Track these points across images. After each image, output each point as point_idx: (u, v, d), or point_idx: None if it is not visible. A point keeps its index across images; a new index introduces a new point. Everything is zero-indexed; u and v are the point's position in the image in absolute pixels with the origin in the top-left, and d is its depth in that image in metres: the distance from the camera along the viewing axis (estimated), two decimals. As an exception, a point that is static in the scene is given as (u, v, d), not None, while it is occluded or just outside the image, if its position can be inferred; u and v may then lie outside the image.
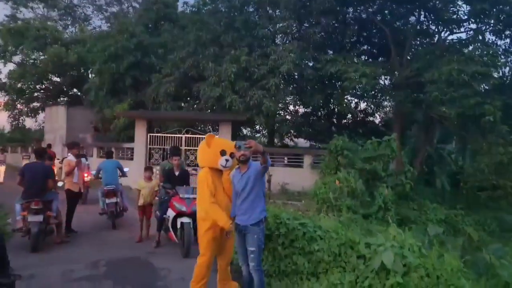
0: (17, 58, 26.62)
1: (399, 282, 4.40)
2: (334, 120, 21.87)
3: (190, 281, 4.73)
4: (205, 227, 4.64)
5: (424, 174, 17.59)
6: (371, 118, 23.52)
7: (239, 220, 4.51)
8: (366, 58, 18.90)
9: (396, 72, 16.31)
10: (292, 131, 19.67)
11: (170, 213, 6.87)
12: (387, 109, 20.86)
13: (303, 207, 12.16)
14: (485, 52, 13.16)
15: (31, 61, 25.14)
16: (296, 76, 17.58)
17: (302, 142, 21.82)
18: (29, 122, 29.83)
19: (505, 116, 12.30)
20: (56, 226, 7.12)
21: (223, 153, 4.76)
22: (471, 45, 15.16)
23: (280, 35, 18.08)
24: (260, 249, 4.52)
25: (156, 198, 7.82)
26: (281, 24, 16.98)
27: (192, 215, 6.82)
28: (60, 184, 7.97)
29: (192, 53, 16.36)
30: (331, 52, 17.76)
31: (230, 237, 4.76)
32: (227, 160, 4.72)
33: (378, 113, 23.03)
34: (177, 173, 7.43)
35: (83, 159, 9.27)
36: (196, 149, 9.22)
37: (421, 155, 17.60)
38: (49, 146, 16.39)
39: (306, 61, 16.17)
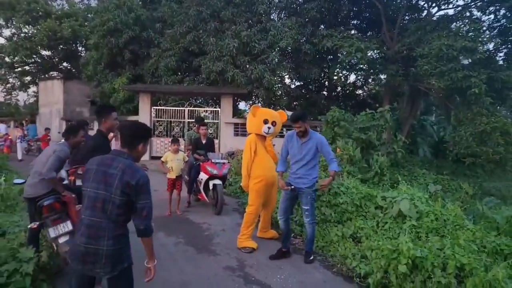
0: (7, 32, 26.34)
1: (414, 225, 5.37)
2: (325, 93, 22.80)
3: (241, 227, 5.59)
4: (254, 181, 5.49)
5: (408, 144, 18.83)
6: (359, 91, 24.59)
7: (294, 183, 5.01)
8: (356, 32, 19.62)
9: (385, 47, 17.12)
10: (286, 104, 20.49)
11: (203, 176, 7.69)
12: (376, 82, 21.81)
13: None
14: (472, 28, 14.10)
15: (22, 34, 24.88)
16: (291, 51, 18.22)
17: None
18: (22, 96, 29.71)
19: (489, 88, 13.35)
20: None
21: (265, 121, 5.59)
22: (458, 21, 16.06)
23: (277, 11, 18.57)
24: (313, 206, 5.08)
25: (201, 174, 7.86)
26: (278, 0, 17.53)
27: (223, 178, 7.71)
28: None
29: (193, 28, 16.77)
30: (323, 27, 18.45)
31: (275, 191, 5.68)
32: (269, 128, 5.56)
33: (366, 86, 24.06)
34: (204, 141, 8.20)
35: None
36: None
37: (407, 126, 18.74)
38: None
39: (304, 37, 16.79)
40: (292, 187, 5.01)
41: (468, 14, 16.05)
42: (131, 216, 2.72)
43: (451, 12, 17.64)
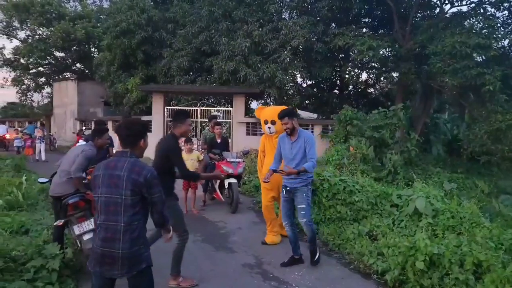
0: (22, 34, 26.84)
1: (430, 223, 5.39)
2: (336, 91, 22.78)
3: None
4: (261, 180, 5.61)
5: (421, 142, 18.71)
6: (371, 90, 24.50)
7: (288, 183, 4.86)
8: (367, 30, 19.56)
9: (397, 45, 17.04)
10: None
11: (218, 175, 7.77)
12: (388, 80, 21.72)
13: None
14: (486, 25, 13.99)
15: (37, 36, 25.32)
16: (302, 50, 18.24)
17: (304, 115, 22.70)
18: (36, 98, 30.27)
19: (504, 85, 13.23)
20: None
21: (265, 122, 5.72)
22: (472, 18, 15.91)
23: (289, 10, 18.60)
24: (309, 205, 4.88)
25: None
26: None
27: (238, 177, 7.80)
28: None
29: (204, 28, 16.89)
30: (334, 25, 18.43)
31: None
32: (269, 128, 5.63)
33: (378, 84, 23.97)
34: (219, 141, 8.29)
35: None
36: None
37: (420, 124, 18.62)
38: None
39: (315, 36, 16.80)
40: (285, 185, 4.91)
41: (482, 10, 15.88)
42: (147, 215, 2.79)
43: (464, 9, 17.44)
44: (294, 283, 4.42)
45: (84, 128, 20.00)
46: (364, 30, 18.41)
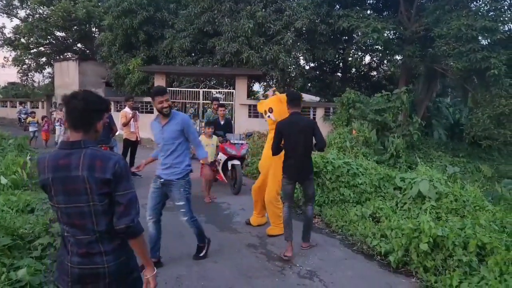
0: (22, 13, 26.53)
1: (433, 205, 5.42)
2: (339, 74, 22.62)
3: None
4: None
5: (423, 126, 18.67)
6: (374, 73, 24.33)
7: (163, 174, 4.17)
8: (372, 12, 19.30)
9: (402, 27, 16.82)
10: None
11: (221, 157, 7.79)
12: (391, 63, 21.53)
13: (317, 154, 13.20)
14: (493, 7, 13.79)
15: (37, 15, 25.02)
16: (306, 32, 18.04)
17: (307, 97, 22.58)
18: (37, 78, 30.14)
19: (509, 69, 13.10)
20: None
21: (265, 112, 5.59)
22: (478, 0, 15.66)
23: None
24: (189, 200, 4.27)
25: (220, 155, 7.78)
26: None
27: (241, 158, 7.81)
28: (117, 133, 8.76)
29: (207, 9, 16.68)
30: (338, 7, 18.17)
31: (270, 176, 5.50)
32: (268, 116, 5.47)
33: (381, 67, 23.79)
34: (222, 122, 8.29)
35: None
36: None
37: (422, 108, 18.54)
38: None
39: (319, 17, 16.57)
40: (158, 176, 4.22)
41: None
42: None
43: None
44: (298, 263, 4.47)
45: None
46: (368, 12, 18.16)
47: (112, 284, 2.03)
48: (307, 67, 20.68)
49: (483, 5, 15.06)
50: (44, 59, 28.05)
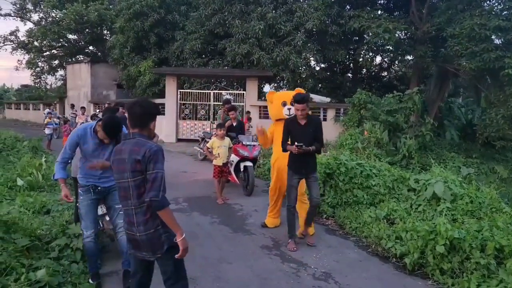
0: (35, 17, 26.90)
1: (449, 207, 5.37)
2: (350, 75, 22.53)
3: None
4: (272, 159, 5.65)
5: (435, 127, 18.49)
6: (384, 73, 24.19)
7: (99, 182, 3.80)
8: (383, 13, 19.21)
9: (413, 27, 16.69)
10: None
11: (234, 158, 7.80)
12: (402, 64, 21.38)
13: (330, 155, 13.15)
14: (507, 6, 13.63)
15: (50, 19, 25.36)
16: (316, 32, 18.02)
17: (316, 98, 22.53)
18: (50, 80, 30.50)
19: (523, 69, 12.92)
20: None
21: (284, 103, 5.46)
22: (492, -1, 15.50)
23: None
24: None
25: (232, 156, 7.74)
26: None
27: (254, 160, 7.82)
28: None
29: (218, 10, 16.74)
30: (349, 7, 18.12)
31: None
32: (289, 109, 5.31)
33: (392, 68, 23.64)
34: (234, 124, 8.30)
35: None
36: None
37: (434, 109, 18.37)
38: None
39: (330, 18, 16.53)
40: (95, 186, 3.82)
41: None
42: None
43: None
44: (312, 265, 4.46)
45: (98, 111, 20.13)
46: (379, 12, 18.07)
47: (148, 250, 2.60)
48: (317, 68, 20.67)
49: (496, 4, 14.94)
50: (56, 61, 28.41)
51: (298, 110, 4.69)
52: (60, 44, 27.18)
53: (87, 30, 25.44)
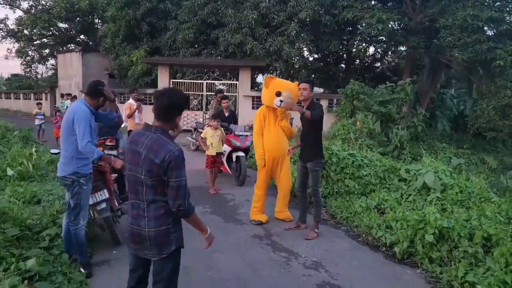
0: (25, 4, 26.49)
1: (438, 197, 5.42)
2: (343, 65, 22.52)
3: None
4: (257, 155, 5.47)
5: (427, 117, 18.59)
6: (377, 64, 24.22)
7: (59, 170, 3.76)
8: (376, 3, 19.16)
9: (406, 18, 16.68)
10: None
11: (226, 148, 7.79)
12: (395, 54, 21.40)
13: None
14: (499, -3, 13.67)
15: (40, 7, 24.98)
16: (310, 23, 17.95)
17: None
18: (40, 69, 30.14)
19: (515, 61, 13.00)
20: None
21: (278, 94, 5.13)
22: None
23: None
24: (82, 206, 3.74)
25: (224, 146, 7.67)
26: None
27: (246, 150, 7.82)
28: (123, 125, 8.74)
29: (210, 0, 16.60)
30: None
31: (286, 168, 5.52)
32: (281, 101, 4.96)
33: (385, 59, 23.66)
34: (226, 114, 8.27)
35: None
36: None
37: (426, 100, 18.45)
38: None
39: (323, 8, 16.47)
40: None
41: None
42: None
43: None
44: (303, 254, 4.49)
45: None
46: (373, 2, 18.02)
47: (152, 248, 2.42)
48: (310, 58, 20.64)
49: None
50: (47, 50, 28.04)
51: (300, 90, 4.96)
52: (50, 32, 26.81)
53: (78, 18, 25.11)
